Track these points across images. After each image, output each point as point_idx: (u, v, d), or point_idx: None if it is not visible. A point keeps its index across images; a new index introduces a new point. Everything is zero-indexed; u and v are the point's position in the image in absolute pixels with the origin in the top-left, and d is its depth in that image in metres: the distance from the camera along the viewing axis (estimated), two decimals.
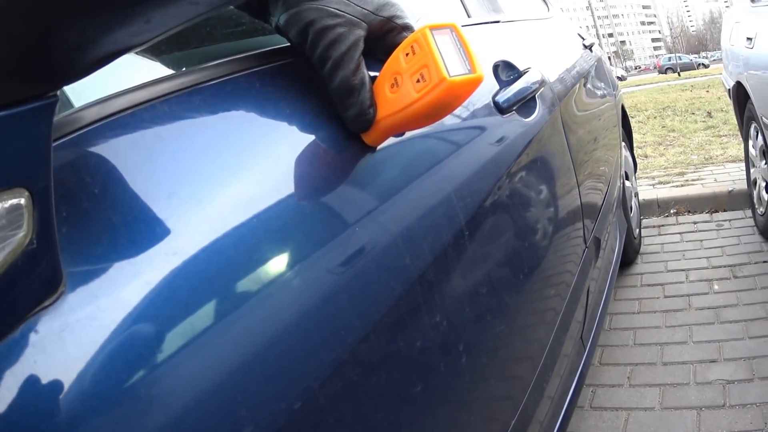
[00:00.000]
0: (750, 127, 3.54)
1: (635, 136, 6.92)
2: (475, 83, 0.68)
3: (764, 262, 3.22)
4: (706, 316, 2.80)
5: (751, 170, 3.70)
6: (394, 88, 0.70)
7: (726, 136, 6.49)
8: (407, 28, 0.78)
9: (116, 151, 0.55)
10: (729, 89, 3.81)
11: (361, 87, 0.70)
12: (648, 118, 9.22)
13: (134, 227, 0.51)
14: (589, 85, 2.35)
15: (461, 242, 0.85)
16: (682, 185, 4.67)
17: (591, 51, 2.85)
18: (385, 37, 0.77)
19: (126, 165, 0.54)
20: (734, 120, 4.29)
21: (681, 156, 5.76)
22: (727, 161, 5.25)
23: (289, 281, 0.58)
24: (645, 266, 3.50)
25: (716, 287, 3.05)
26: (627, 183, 3.28)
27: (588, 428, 2.21)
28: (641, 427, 2.15)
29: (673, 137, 6.91)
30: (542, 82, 1.45)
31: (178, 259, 0.51)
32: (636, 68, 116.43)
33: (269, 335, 0.55)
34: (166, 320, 0.48)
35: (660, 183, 4.93)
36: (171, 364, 0.47)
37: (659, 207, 4.37)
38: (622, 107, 3.48)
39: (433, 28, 0.69)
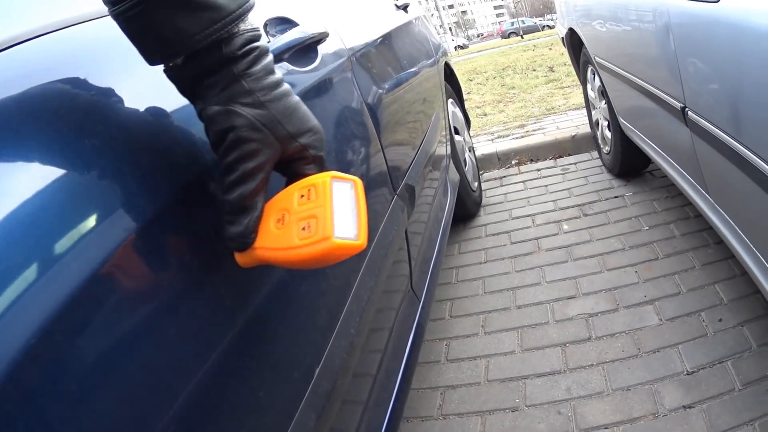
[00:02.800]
0: (587, 71, 3.64)
1: (474, 97, 7.05)
2: (356, 250, 0.68)
3: (615, 197, 3.31)
4: (557, 256, 2.85)
5: (593, 112, 3.83)
6: (279, 224, 0.70)
7: (569, 87, 6.60)
8: (317, 161, 0.77)
9: None
10: (563, 38, 3.91)
11: (253, 210, 0.71)
12: (487, 79, 9.33)
13: None
14: (398, 43, 2.34)
15: None
16: (522, 137, 4.76)
17: (405, 11, 2.82)
18: (293, 163, 0.76)
19: None
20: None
21: (521, 110, 5.84)
22: (569, 110, 5.37)
23: None
24: (488, 217, 3.53)
25: (566, 227, 3.12)
26: (458, 137, 3.32)
27: (448, 381, 2.19)
28: (504, 372, 2.15)
29: (513, 94, 7.01)
30: (323, 34, 1.42)
31: None
32: (478, 36, 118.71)
33: None
34: None
35: (499, 137, 4.97)
36: None
37: (499, 159, 4.45)
38: (449, 66, 3.52)
39: (335, 178, 0.71)
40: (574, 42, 3.67)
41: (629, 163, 3.37)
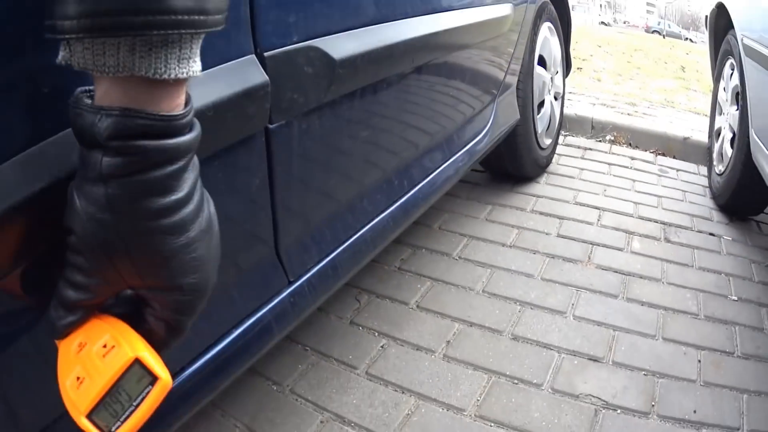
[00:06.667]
0: (724, 65, 3.07)
1: (596, 62, 6.59)
2: None
3: (710, 234, 2.44)
4: (607, 283, 2.00)
5: (717, 118, 3.21)
6: (79, 349, 0.60)
7: (695, 91, 6.13)
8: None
9: None
10: (707, 16, 3.43)
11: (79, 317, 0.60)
12: (616, 52, 8.76)
13: None
14: None
15: None
16: (628, 114, 4.14)
17: None
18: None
19: None
20: (707, 80, 3.88)
21: (638, 91, 5.30)
22: (689, 111, 4.69)
23: None
24: (546, 189, 2.73)
25: (636, 245, 2.26)
26: (542, 72, 2.68)
27: None
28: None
29: (636, 73, 6.44)
30: None
31: None
32: (624, 23, 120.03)
33: None
34: None
35: (603, 105, 4.38)
36: None
37: (593, 128, 3.87)
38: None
39: (143, 362, 0.57)
40: (718, 25, 3.16)
41: (743, 199, 2.62)
